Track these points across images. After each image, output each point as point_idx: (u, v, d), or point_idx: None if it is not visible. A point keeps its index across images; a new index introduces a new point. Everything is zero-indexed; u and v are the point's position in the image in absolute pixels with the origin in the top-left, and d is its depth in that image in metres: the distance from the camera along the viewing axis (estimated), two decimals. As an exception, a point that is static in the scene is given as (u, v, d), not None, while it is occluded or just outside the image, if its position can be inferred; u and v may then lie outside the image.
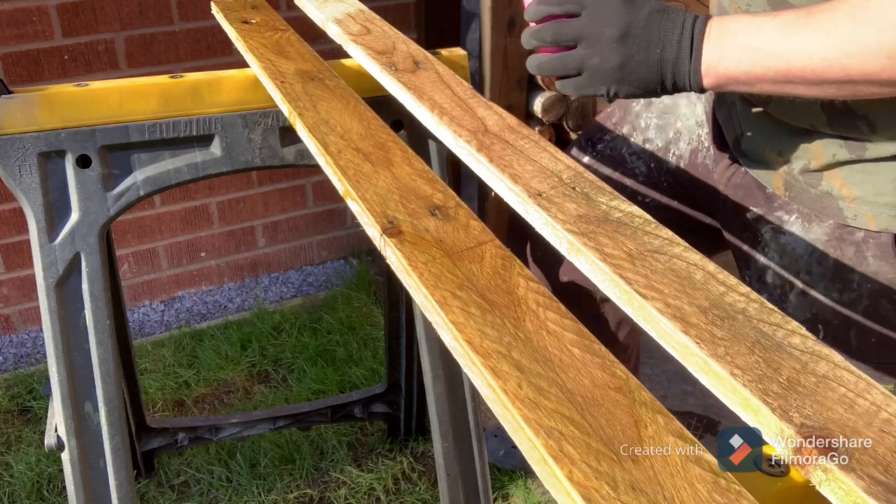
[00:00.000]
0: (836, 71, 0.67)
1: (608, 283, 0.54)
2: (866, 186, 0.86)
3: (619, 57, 0.75)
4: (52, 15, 1.74)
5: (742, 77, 0.72)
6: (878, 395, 0.44)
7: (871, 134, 0.83)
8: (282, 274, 2.29)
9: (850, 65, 0.66)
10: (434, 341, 1.09)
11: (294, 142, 1.03)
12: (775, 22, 0.69)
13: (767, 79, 0.71)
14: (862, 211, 0.87)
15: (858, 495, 0.38)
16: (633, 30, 0.74)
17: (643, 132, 1.13)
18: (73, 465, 0.99)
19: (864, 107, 0.81)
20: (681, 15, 0.74)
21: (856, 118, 0.82)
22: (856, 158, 0.85)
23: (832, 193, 0.89)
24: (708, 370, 0.46)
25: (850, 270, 0.90)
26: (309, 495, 1.58)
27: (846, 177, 0.87)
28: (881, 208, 0.86)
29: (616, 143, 1.16)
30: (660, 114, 1.12)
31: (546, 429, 0.43)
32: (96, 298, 0.97)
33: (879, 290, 0.90)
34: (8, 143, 0.91)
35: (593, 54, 0.76)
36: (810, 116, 0.86)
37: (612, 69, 0.76)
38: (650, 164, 1.13)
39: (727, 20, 0.73)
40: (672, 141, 1.11)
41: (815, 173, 0.90)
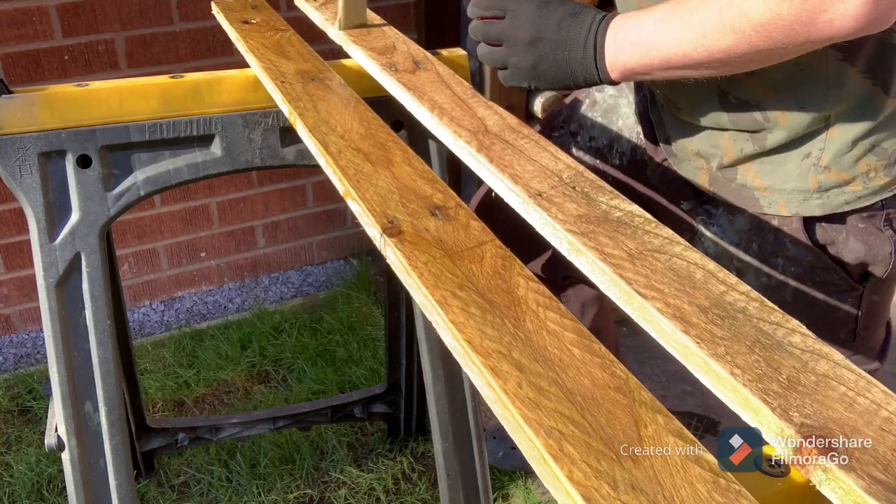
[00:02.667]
0: (702, 52, 0.73)
1: (608, 283, 0.54)
2: (775, 176, 0.92)
3: (531, 58, 0.84)
4: (52, 15, 1.74)
5: (638, 69, 0.79)
6: (878, 393, 0.44)
7: (766, 122, 0.89)
8: (282, 274, 2.29)
9: (709, 45, 0.72)
10: (434, 341, 1.09)
11: (294, 142, 1.03)
12: (653, 16, 0.77)
13: (656, 67, 0.78)
14: (774, 199, 0.94)
15: (858, 495, 0.38)
16: (543, 34, 0.83)
17: (589, 130, 1.19)
18: (73, 465, 0.99)
19: (756, 96, 0.88)
20: (590, 16, 0.82)
21: (750, 108, 0.89)
22: (759, 150, 0.92)
23: (747, 185, 0.95)
24: (708, 370, 0.46)
25: (774, 255, 0.97)
26: (309, 495, 1.58)
27: (757, 169, 0.94)
28: (790, 195, 0.92)
29: (564, 140, 1.21)
30: (603, 113, 1.17)
31: (546, 428, 0.43)
32: (96, 298, 0.97)
33: (802, 273, 0.96)
34: (8, 143, 0.91)
35: (512, 54, 0.86)
36: (713, 116, 0.93)
37: (526, 68, 0.85)
38: (596, 161, 1.18)
39: (622, 18, 0.80)
40: (615, 139, 1.16)
41: (730, 168, 0.96)
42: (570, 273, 1.24)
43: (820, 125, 0.87)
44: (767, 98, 0.88)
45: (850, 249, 0.93)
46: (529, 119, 1.97)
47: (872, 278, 0.95)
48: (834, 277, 0.95)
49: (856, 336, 1.00)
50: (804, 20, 0.66)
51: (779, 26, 0.67)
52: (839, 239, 0.93)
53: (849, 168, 0.89)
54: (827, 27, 0.66)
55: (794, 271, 0.96)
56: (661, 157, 1.08)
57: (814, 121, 0.87)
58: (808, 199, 0.92)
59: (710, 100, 0.92)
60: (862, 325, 0.99)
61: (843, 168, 0.89)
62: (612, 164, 1.16)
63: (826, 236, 0.94)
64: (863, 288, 0.96)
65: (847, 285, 0.96)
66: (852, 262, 0.94)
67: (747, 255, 0.99)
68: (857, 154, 0.88)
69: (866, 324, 1.00)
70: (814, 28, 0.67)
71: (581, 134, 1.19)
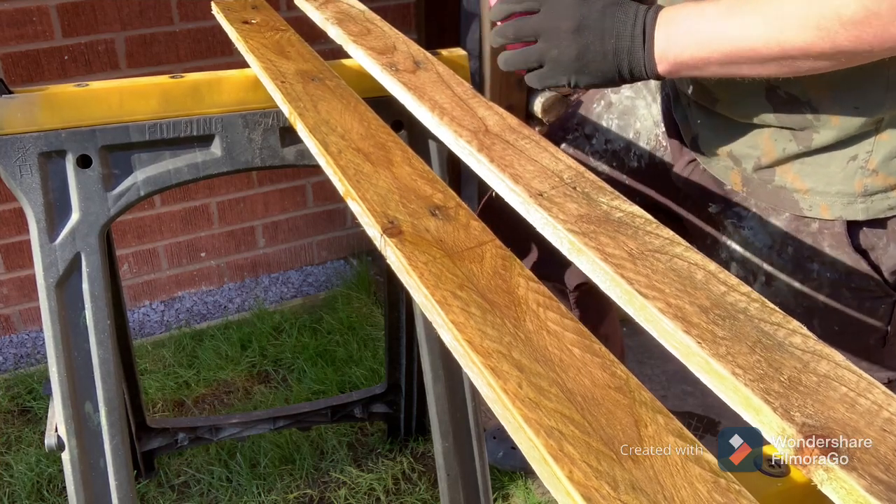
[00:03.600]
0: (774, 48, 0.70)
1: (609, 282, 0.54)
2: (818, 178, 0.89)
3: (575, 48, 0.79)
4: (52, 15, 1.74)
5: (691, 62, 0.75)
6: (879, 394, 0.44)
7: (815, 120, 0.85)
8: (282, 274, 2.29)
9: (784, 40, 0.69)
10: (434, 341, 1.09)
11: (294, 142, 1.03)
12: (717, 7, 0.73)
13: (714, 61, 0.74)
14: (816, 201, 0.90)
15: (860, 494, 0.38)
16: (588, 22, 0.78)
17: (605, 133, 1.16)
18: (73, 465, 0.99)
19: (808, 92, 0.84)
20: (633, 7, 0.78)
21: (800, 105, 0.85)
22: (804, 150, 0.88)
23: (786, 187, 0.92)
24: (709, 370, 0.46)
25: (810, 260, 0.93)
26: (309, 495, 1.58)
27: (798, 170, 0.90)
28: (833, 197, 0.89)
29: (579, 143, 1.19)
30: (620, 115, 1.15)
31: (546, 428, 0.43)
32: (96, 298, 0.97)
33: (838, 278, 0.92)
34: (8, 143, 0.91)
35: (552, 47, 0.80)
36: (757, 110, 0.89)
37: (569, 60, 0.80)
38: (612, 163, 1.15)
39: (675, 9, 0.76)
40: (632, 141, 1.13)
41: (768, 169, 0.93)
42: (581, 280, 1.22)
43: (871, 127, 0.84)
44: (821, 96, 0.84)
45: (889, 255, 0.90)
46: (529, 119, 1.97)
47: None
48: (870, 283, 0.92)
49: (885, 342, 0.97)
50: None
51: (872, 26, 0.64)
52: (879, 244, 0.90)
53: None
54: None
55: (830, 277, 0.92)
56: (686, 158, 1.04)
57: (866, 123, 0.83)
58: (852, 203, 0.88)
59: (757, 94, 0.88)
60: (893, 332, 0.96)
61: (890, 172, 0.86)
62: (630, 168, 1.13)
63: (867, 241, 0.90)
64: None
65: (882, 291, 0.92)
66: (891, 269, 0.91)
67: (780, 260, 0.95)
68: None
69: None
70: None
71: (596, 136, 1.16)
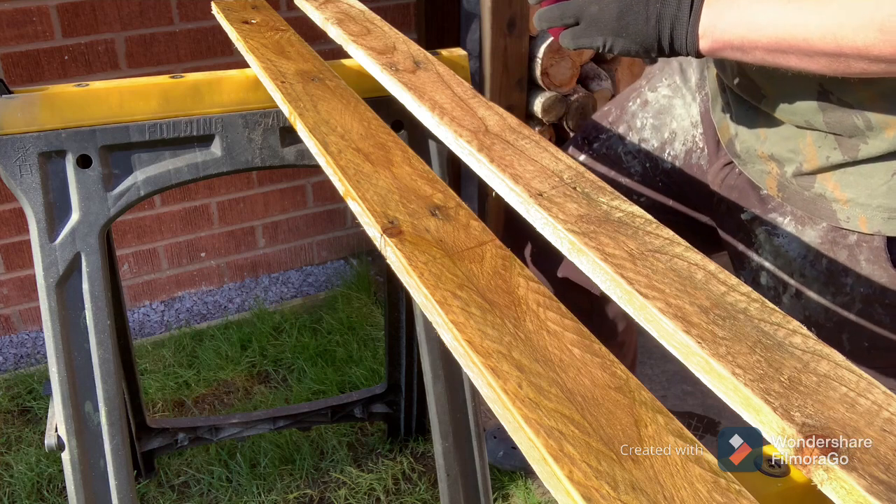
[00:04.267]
0: (829, 42, 0.66)
1: (609, 282, 0.54)
2: (859, 188, 0.86)
3: (617, 6, 0.75)
4: (52, 15, 1.74)
5: (737, 42, 0.72)
6: (879, 394, 0.44)
7: (867, 130, 0.82)
8: (282, 274, 2.29)
9: (842, 36, 0.65)
10: (434, 341, 1.09)
11: (294, 142, 1.03)
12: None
13: (761, 46, 0.71)
14: (855, 213, 0.87)
15: (860, 494, 0.38)
16: None
17: (639, 132, 1.13)
18: (73, 466, 0.99)
19: (862, 101, 0.81)
20: None
21: (851, 113, 0.82)
22: (849, 160, 0.85)
23: (825, 195, 0.88)
24: (709, 370, 0.46)
25: (844, 273, 0.90)
26: (309, 495, 1.58)
27: (839, 179, 0.87)
28: (874, 210, 0.86)
29: (612, 142, 1.16)
30: (655, 114, 1.12)
31: (546, 428, 0.43)
32: (96, 298, 0.97)
33: (872, 294, 0.89)
34: (8, 143, 0.91)
35: (592, 3, 0.76)
36: (806, 113, 0.85)
37: (609, 18, 0.76)
38: (645, 164, 1.13)
39: None
40: (667, 141, 1.11)
41: (808, 176, 0.89)
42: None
43: None
44: (874, 106, 0.80)
45: None
46: (529, 119, 1.98)
47: None
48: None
49: None
50: None
51: None
52: None
53: None
54: None
55: (864, 292, 0.89)
56: (723, 161, 1.01)
57: None
58: (893, 218, 0.85)
59: (808, 94, 0.84)
60: None
61: None
62: (664, 169, 1.11)
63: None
64: None
65: None
66: None
67: (813, 271, 0.92)
68: None
69: None
70: None
71: (630, 136, 1.14)
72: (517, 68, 1.86)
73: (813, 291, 0.93)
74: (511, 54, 1.84)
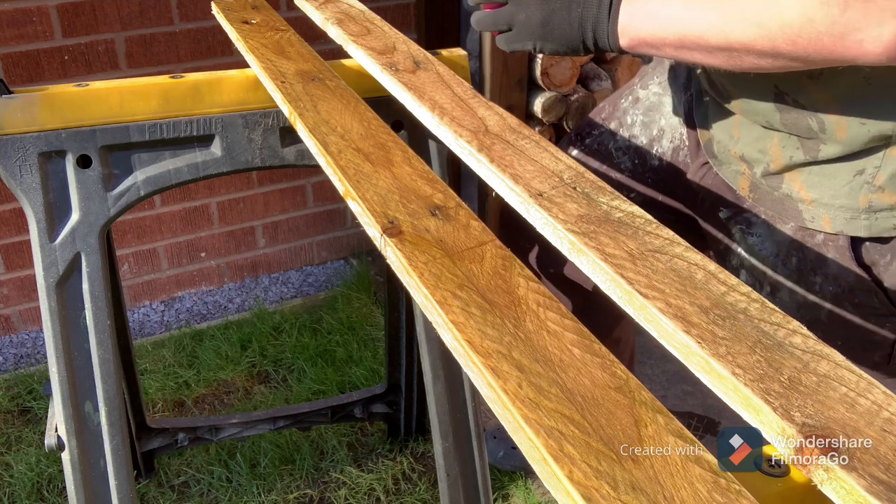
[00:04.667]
0: (720, 38, 0.71)
1: (609, 282, 0.54)
2: (823, 189, 0.88)
3: (541, 13, 0.81)
4: (52, 15, 1.74)
5: (650, 39, 0.77)
6: (879, 394, 0.44)
7: (821, 132, 0.85)
8: (282, 274, 2.29)
9: (729, 31, 0.70)
10: (434, 341, 1.09)
11: (294, 142, 1.03)
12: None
13: (668, 43, 0.75)
14: (819, 213, 0.89)
15: (860, 494, 0.38)
16: None
17: (629, 129, 1.16)
18: (73, 466, 0.99)
19: (815, 104, 0.84)
20: None
21: (806, 116, 0.85)
22: (811, 160, 0.87)
23: (792, 196, 0.91)
24: (709, 370, 0.46)
25: (813, 272, 0.92)
26: (309, 496, 1.58)
27: (805, 180, 0.89)
28: (836, 211, 0.88)
29: (603, 138, 1.18)
30: (645, 111, 1.14)
31: (546, 428, 0.43)
32: (96, 298, 0.97)
33: (841, 293, 0.91)
34: (8, 143, 0.91)
35: (520, 11, 0.82)
36: (766, 113, 0.89)
37: (535, 25, 0.82)
38: (635, 160, 1.15)
39: None
40: (656, 138, 1.13)
41: (775, 176, 0.92)
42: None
43: (879, 143, 0.83)
44: (828, 108, 0.83)
45: (891, 273, 0.88)
46: (529, 119, 1.98)
47: None
48: (873, 301, 0.90)
49: (891, 360, 0.95)
50: (834, 34, 0.64)
51: (807, 32, 0.65)
52: (881, 261, 0.89)
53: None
54: (855, 47, 0.64)
55: (833, 291, 0.91)
56: (701, 160, 1.04)
57: (873, 139, 0.82)
58: (855, 218, 0.87)
59: (765, 95, 0.87)
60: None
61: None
62: (651, 166, 1.13)
63: (869, 257, 0.89)
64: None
65: (886, 310, 0.91)
66: (893, 286, 0.89)
67: (785, 269, 0.94)
68: None
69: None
70: (841, 44, 0.64)
71: (621, 132, 1.16)
72: (517, 68, 1.86)
73: (786, 290, 0.95)
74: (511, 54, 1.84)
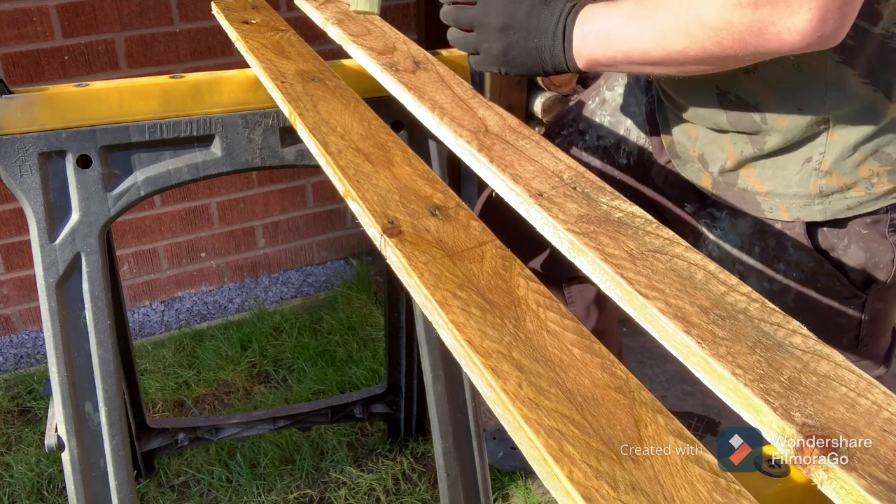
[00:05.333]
0: (659, 51, 0.75)
1: (609, 282, 0.54)
2: (776, 181, 0.92)
3: (501, 44, 0.86)
4: (53, 15, 1.74)
5: (603, 60, 0.81)
6: (879, 394, 0.44)
7: (763, 124, 0.89)
8: (282, 274, 2.29)
9: (666, 44, 0.74)
10: (434, 341, 1.09)
11: (294, 142, 1.03)
12: (620, 10, 0.78)
13: (619, 61, 0.79)
14: (776, 203, 0.93)
15: (860, 494, 0.38)
16: (514, 21, 0.84)
17: (597, 129, 1.18)
18: (73, 466, 0.99)
19: (755, 95, 0.88)
20: (560, 5, 0.82)
21: (748, 109, 0.89)
22: (759, 153, 0.91)
23: (748, 189, 0.95)
24: (709, 370, 0.46)
25: (776, 261, 0.96)
26: (309, 496, 1.58)
27: (758, 174, 0.93)
28: (791, 199, 0.92)
29: (572, 139, 1.20)
30: (612, 112, 1.16)
31: (546, 428, 0.43)
32: (96, 298, 0.97)
33: (804, 279, 0.95)
34: (8, 143, 0.91)
35: (483, 40, 0.87)
36: (712, 116, 0.93)
37: (497, 54, 0.87)
38: (603, 159, 1.17)
39: (590, 9, 0.82)
40: (623, 139, 1.15)
41: (732, 172, 0.96)
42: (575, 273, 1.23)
43: (819, 128, 0.86)
44: (766, 99, 0.87)
45: (850, 255, 0.92)
46: (529, 119, 1.97)
47: (875, 285, 0.94)
48: (836, 284, 0.94)
49: (859, 342, 0.99)
50: (753, 31, 0.68)
51: (729, 34, 0.69)
52: (840, 245, 0.92)
53: (850, 173, 0.87)
54: (775, 40, 0.68)
55: (797, 276, 0.95)
56: (665, 159, 1.07)
57: (812, 123, 0.86)
58: (809, 205, 0.91)
59: (709, 98, 0.92)
60: (866, 332, 0.98)
61: (844, 172, 0.88)
62: (620, 165, 1.15)
63: (827, 242, 0.92)
64: (865, 295, 0.95)
65: (849, 292, 0.94)
66: (854, 268, 0.93)
67: (750, 259, 0.98)
68: (858, 158, 0.87)
69: (870, 331, 0.98)
70: (762, 39, 0.68)
71: (589, 133, 1.18)
72: (517, 68, 1.86)
73: (752, 280, 0.99)
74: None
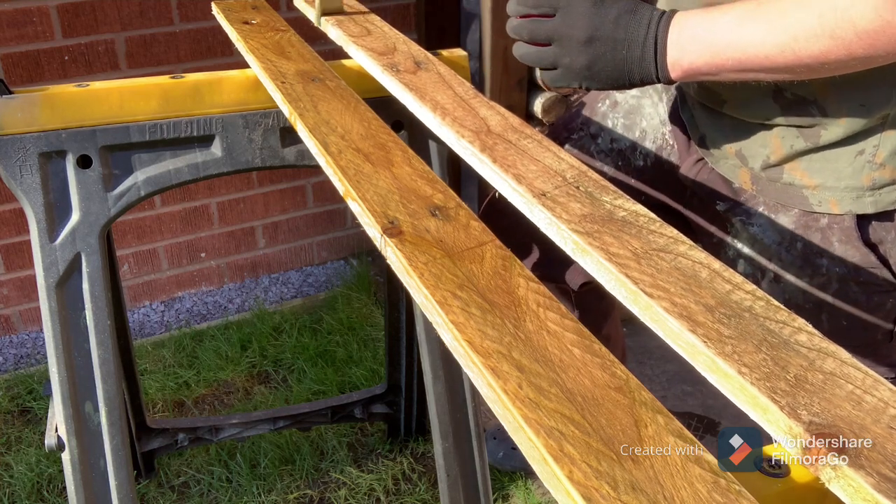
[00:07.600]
0: (788, 56, 0.71)
1: (614, 282, 0.54)
2: (826, 174, 0.90)
3: (586, 58, 0.81)
4: (53, 15, 1.74)
5: (705, 69, 0.77)
6: (885, 391, 0.44)
7: (823, 118, 0.86)
8: (282, 274, 2.29)
9: (799, 49, 0.70)
10: (434, 341, 1.09)
11: (295, 142, 1.03)
12: (729, 15, 0.74)
13: (728, 68, 0.76)
14: (825, 197, 0.91)
15: (868, 492, 0.38)
16: (601, 32, 0.79)
17: (610, 132, 1.16)
18: (73, 466, 0.99)
19: (815, 92, 0.85)
20: (647, 13, 0.79)
21: (807, 105, 0.86)
22: (812, 147, 0.89)
23: (795, 183, 0.93)
24: (715, 369, 0.46)
25: (818, 255, 0.94)
26: (309, 496, 1.58)
27: (806, 167, 0.91)
28: (842, 192, 0.90)
29: (584, 143, 1.19)
30: (625, 114, 1.15)
31: (546, 428, 0.43)
32: (97, 299, 0.96)
33: (847, 273, 0.93)
34: (9, 143, 0.91)
35: (564, 54, 0.82)
36: (765, 110, 0.90)
37: (580, 68, 0.82)
38: (618, 162, 1.16)
39: (687, 16, 0.77)
40: (638, 140, 1.14)
41: (776, 167, 0.93)
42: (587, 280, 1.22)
43: (877, 123, 0.85)
44: (828, 97, 0.85)
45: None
46: (529, 120, 1.97)
47: None
48: (878, 278, 0.92)
49: (893, 337, 0.98)
50: None
51: (886, 34, 0.66)
52: (888, 238, 0.91)
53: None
54: None
55: (839, 272, 0.93)
56: (694, 157, 1.05)
57: (872, 119, 0.85)
58: (861, 197, 0.89)
59: (764, 96, 0.89)
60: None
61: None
62: (636, 167, 1.14)
63: (876, 235, 0.91)
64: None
65: (890, 286, 0.93)
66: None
67: (789, 256, 0.96)
68: None
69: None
70: None
71: (602, 136, 1.17)
72: (517, 68, 1.86)
73: (791, 275, 0.97)
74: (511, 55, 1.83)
